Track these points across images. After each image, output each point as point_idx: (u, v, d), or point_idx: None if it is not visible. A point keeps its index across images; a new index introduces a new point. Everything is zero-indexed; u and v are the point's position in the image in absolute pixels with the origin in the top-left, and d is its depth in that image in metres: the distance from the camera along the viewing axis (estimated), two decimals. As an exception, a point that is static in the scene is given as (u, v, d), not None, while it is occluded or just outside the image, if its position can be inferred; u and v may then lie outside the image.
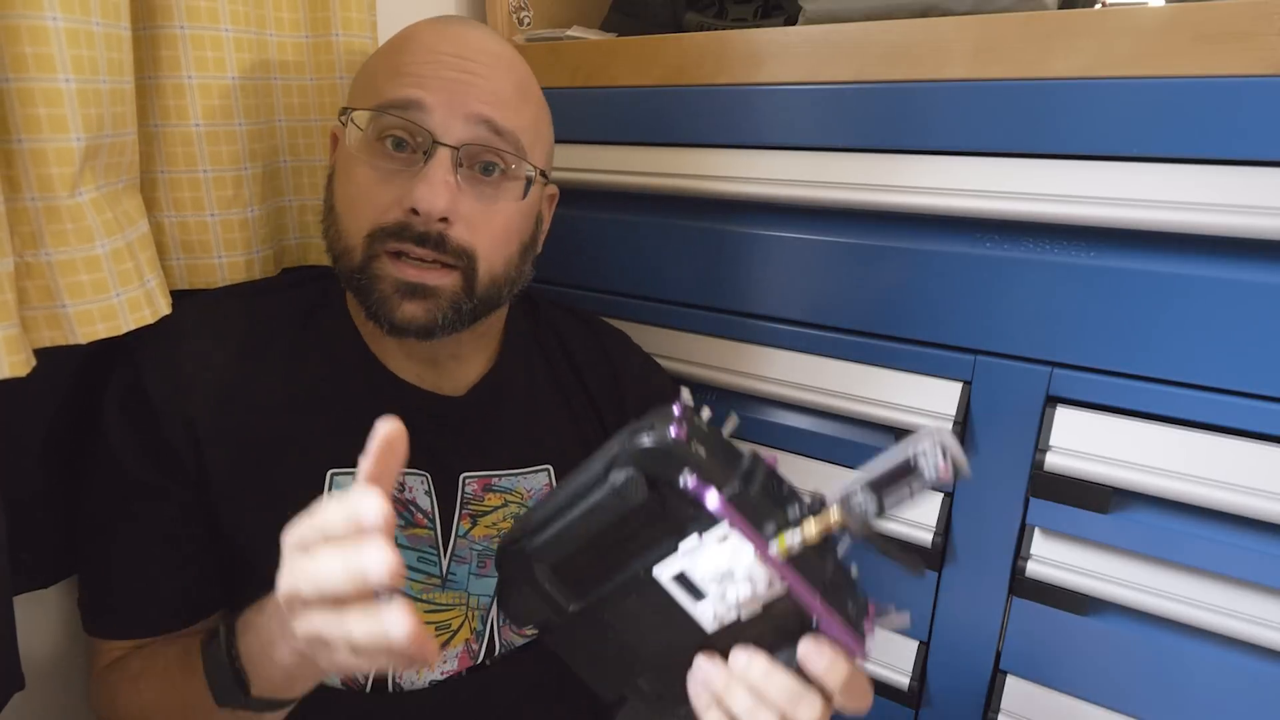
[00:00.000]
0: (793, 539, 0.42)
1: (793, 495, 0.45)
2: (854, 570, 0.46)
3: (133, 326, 0.55)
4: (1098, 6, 0.74)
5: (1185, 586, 0.60)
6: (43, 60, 0.48)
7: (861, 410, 0.70)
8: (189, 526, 0.59)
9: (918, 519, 0.69)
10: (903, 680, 0.74)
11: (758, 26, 0.83)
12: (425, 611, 0.62)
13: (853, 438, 0.73)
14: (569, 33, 0.86)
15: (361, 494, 0.38)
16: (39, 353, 0.51)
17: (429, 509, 0.63)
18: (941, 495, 0.69)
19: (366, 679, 0.63)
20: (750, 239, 0.74)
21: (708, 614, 0.46)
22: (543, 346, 0.74)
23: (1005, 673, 0.70)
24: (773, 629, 0.46)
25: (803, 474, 0.75)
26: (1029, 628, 0.68)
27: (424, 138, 0.56)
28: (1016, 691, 0.69)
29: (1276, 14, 0.51)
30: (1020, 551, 0.67)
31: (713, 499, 0.42)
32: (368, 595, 0.38)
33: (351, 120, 0.58)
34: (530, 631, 0.69)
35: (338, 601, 0.38)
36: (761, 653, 0.46)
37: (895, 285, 0.68)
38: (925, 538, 0.69)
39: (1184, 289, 0.57)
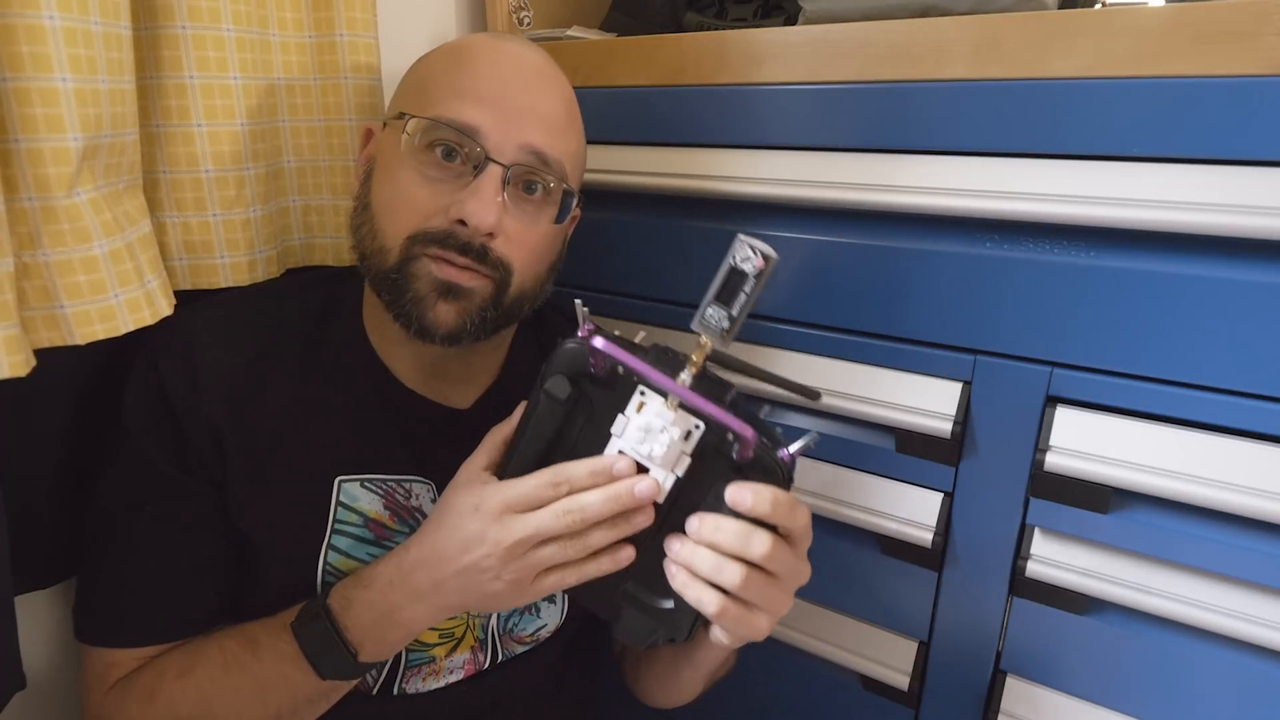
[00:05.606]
0: (687, 371, 0.51)
1: (678, 354, 0.54)
2: (764, 411, 0.54)
3: (132, 328, 0.55)
4: (1098, 6, 0.74)
5: (1185, 586, 0.60)
6: (39, 59, 0.48)
7: (861, 410, 0.70)
8: (213, 525, 0.60)
9: (918, 519, 0.69)
10: (902, 680, 0.74)
11: (758, 26, 0.82)
12: None
13: (853, 438, 0.72)
14: (569, 33, 0.86)
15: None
16: (42, 354, 0.51)
17: None
18: (941, 495, 0.69)
19: (374, 683, 0.63)
20: (750, 239, 0.74)
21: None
22: (546, 355, 0.74)
23: (1005, 673, 0.70)
24: (715, 497, 0.53)
25: (804, 475, 0.75)
26: (1029, 628, 0.67)
27: (477, 153, 0.56)
28: (1016, 691, 0.69)
29: (1276, 14, 0.51)
30: (1020, 551, 0.66)
31: (618, 352, 0.52)
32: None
33: (405, 125, 0.58)
34: (529, 639, 0.69)
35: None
36: (709, 513, 0.53)
37: (895, 285, 0.68)
38: (925, 538, 0.69)
39: (1184, 289, 0.57)
